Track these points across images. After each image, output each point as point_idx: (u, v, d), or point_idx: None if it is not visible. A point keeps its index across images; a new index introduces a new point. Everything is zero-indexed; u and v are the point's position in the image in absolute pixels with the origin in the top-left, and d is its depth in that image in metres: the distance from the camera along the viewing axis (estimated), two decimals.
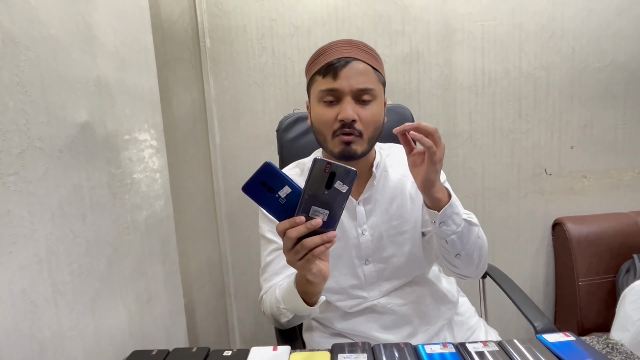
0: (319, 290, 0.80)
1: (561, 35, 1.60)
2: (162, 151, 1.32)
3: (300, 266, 0.68)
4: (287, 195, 0.64)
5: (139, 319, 1.08)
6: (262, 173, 0.62)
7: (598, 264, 1.55)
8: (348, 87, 0.85)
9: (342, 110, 0.85)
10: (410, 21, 1.57)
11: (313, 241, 0.64)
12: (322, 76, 0.87)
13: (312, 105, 0.92)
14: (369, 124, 0.88)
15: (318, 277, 0.71)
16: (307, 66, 0.95)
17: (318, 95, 0.88)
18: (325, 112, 0.87)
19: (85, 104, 0.89)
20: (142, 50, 1.20)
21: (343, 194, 0.63)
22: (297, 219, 0.63)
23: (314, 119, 0.91)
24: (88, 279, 0.87)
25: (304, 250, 0.64)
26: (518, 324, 1.74)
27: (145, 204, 1.15)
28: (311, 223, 0.63)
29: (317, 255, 0.65)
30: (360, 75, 0.86)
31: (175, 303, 1.34)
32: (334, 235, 0.65)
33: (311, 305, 0.82)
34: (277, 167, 0.63)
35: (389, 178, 0.99)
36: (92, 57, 0.92)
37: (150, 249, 1.18)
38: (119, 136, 1.03)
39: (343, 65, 0.85)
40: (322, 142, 0.91)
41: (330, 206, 0.64)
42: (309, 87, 0.94)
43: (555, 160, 1.67)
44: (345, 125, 0.85)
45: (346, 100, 0.86)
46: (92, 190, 0.90)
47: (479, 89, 1.62)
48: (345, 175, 0.63)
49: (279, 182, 0.63)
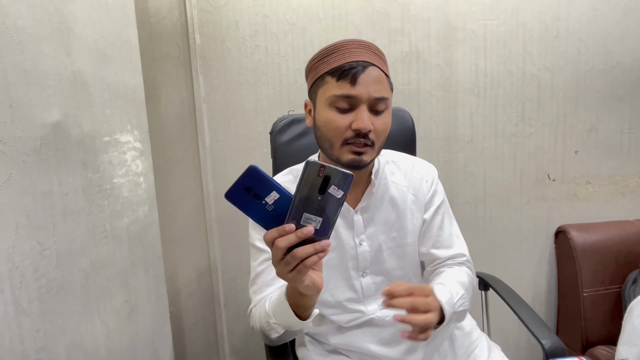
0: (313, 302, 0.73)
1: (566, 35, 1.54)
2: (147, 153, 1.24)
3: (291, 278, 0.61)
4: (275, 202, 0.57)
5: (118, 334, 1.00)
6: (246, 178, 0.56)
7: (603, 274, 1.50)
8: (366, 95, 0.79)
9: (359, 119, 0.79)
10: (410, 19, 1.50)
11: (305, 251, 0.58)
12: (337, 79, 0.80)
13: (319, 108, 0.85)
14: (381, 134, 0.83)
15: (311, 290, 0.65)
16: (314, 63, 0.87)
17: (330, 99, 0.81)
18: (336, 119, 0.81)
19: (58, 103, 0.81)
20: (126, 45, 1.12)
21: (338, 199, 0.57)
22: (287, 226, 0.57)
23: (322, 124, 0.83)
24: (59, 295, 0.79)
25: (295, 261, 0.58)
26: (519, 335, 1.68)
27: (126, 210, 1.08)
28: (302, 231, 0.56)
29: (310, 266, 0.59)
30: (377, 83, 0.81)
31: (160, 314, 1.27)
32: (328, 244, 0.59)
33: (304, 319, 0.75)
34: (262, 170, 0.56)
35: (389, 187, 0.93)
36: (67, 52, 0.85)
37: (132, 258, 1.10)
38: (97, 138, 0.95)
39: (362, 71, 0.79)
40: (327, 148, 0.84)
41: (324, 213, 0.57)
42: (314, 86, 0.86)
43: (558, 165, 1.61)
44: (359, 135, 0.80)
45: (362, 109, 0.80)
46: (65, 197, 0.82)
47: (480, 90, 1.56)
48: (341, 179, 0.56)
49: (265, 187, 0.56)
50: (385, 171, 0.95)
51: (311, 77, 0.87)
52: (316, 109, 0.86)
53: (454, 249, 0.95)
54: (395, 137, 1.11)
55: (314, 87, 0.86)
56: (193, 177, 1.54)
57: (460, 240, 0.97)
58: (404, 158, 0.99)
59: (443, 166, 1.56)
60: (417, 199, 0.94)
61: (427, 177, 0.96)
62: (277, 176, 0.98)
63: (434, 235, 0.94)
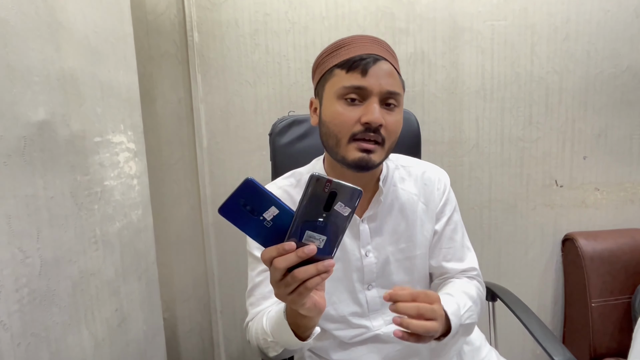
0: (314, 323, 0.68)
1: (576, 37, 1.49)
2: (142, 155, 1.19)
3: (291, 300, 0.56)
4: (274, 218, 0.52)
5: (108, 345, 0.95)
6: (242, 192, 0.51)
7: (612, 284, 1.45)
8: (377, 87, 0.74)
9: (369, 111, 0.74)
10: (415, 19, 1.46)
11: (306, 272, 0.53)
12: (347, 70, 0.76)
13: (325, 102, 0.79)
14: (392, 132, 0.78)
15: (313, 312, 0.60)
16: (323, 57, 0.82)
17: (339, 92, 0.76)
18: (345, 111, 0.75)
19: (44, 100, 0.76)
20: (120, 42, 1.08)
21: (345, 217, 0.52)
22: (287, 245, 0.52)
23: (329, 118, 0.78)
24: (42, 305, 0.75)
25: (296, 282, 0.53)
26: (524, 346, 1.63)
27: (118, 214, 1.03)
28: (303, 251, 0.51)
29: (311, 289, 0.54)
30: (389, 77, 0.76)
31: (153, 323, 1.22)
32: (332, 265, 0.53)
33: (304, 339, 0.70)
34: (260, 184, 0.51)
35: (398, 194, 0.88)
36: (56, 47, 0.80)
37: (124, 265, 1.05)
38: (88, 138, 0.90)
39: (373, 63, 0.75)
40: (332, 146, 0.79)
41: (329, 231, 0.52)
42: (322, 81, 0.81)
43: (566, 171, 1.57)
44: (369, 129, 0.75)
45: (373, 101, 0.75)
46: (51, 200, 0.77)
47: (487, 93, 1.51)
48: (348, 196, 0.51)
49: (263, 202, 0.51)
50: (395, 177, 0.89)
51: (319, 72, 0.83)
52: (322, 105, 0.81)
53: (465, 262, 0.90)
54: (400, 140, 1.05)
55: (321, 82, 0.81)
56: (190, 180, 1.49)
57: (471, 253, 0.92)
58: (414, 163, 0.94)
59: (448, 171, 1.47)
60: (428, 209, 0.89)
61: (439, 184, 0.91)
62: (278, 180, 0.92)
63: (445, 247, 0.89)
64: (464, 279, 0.88)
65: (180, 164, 1.48)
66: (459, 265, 0.89)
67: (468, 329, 0.81)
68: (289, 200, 0.86)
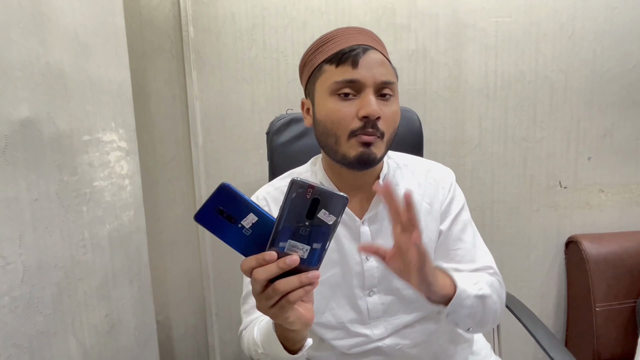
0: (302, 336, 0.64)
1: (582, 35, 1.45)
2: (134, 153, 1.15)
3: (273, 314, 0.52)
4: (253, 225, 0.48)
5: (97, 353, 0.91)
6: (217, 198, 0.46)
7: (617, 288, 1.41)
8: (371, 78, 0.71)
9: (366, 104, 0.70)
10: (417, 15, 1.42)
11: (288, 284, 0.48)
12: (336, 65, 0.72)
13: (319, 101, 0.76)
14: (390, 124, 0.74)
15: (297, 325, 0.55)
16: (309, 55, 0.78)
17: (331, 88, 0.72)
18: (341, 108, 0.72)
19: (28, 97, 0.72)
20: (111, 36, 1.03)
21: (329, 225, 0.48)
22: (267, 255, 0.47)
23: (324, 116, 0.74)
24: (26, 313, 0.70)
25: (277, 295, 0.49)
26: (526, 352, 1.60)
27: (109, 216, 0.99)
28: (285, 261, 0.47)
29: (294, 302, 0.50)
30: (381, 66, 0.72)
31: (145, 327, 1.18)
32: (317, 276, 0.49)
33: (294, 352, 0.65)
34: (236, 189, 0.47)
35: (401, 195, 0.83)
36: (41, 40, 0.76)
37: (114, 268, 1.01)
38: (76, 136, 0.86)
39: (363, 53, 0.71)
40: (331, 145, 0.75)
41: (313, 240, 0.48)
42: (311, 80, 0.77)
43: (571, 172, 1.53)
44: (367, 124, 0.71)
45: (368, 93, 0.71)
46: (35, 203, 0.73)
47: (490, 92, 1.47)
48: (332, 203, 0.47)
49: (240, 208, 0.47)
50: (396, 176, 0.85)
51: (306, 71, 0.79)
52: (315, 104, 0.77)
53: (477, 262, 0.83)
54: (401, 139, 1.01)
55: (310, 81, 0.78)
56: (184, 179, 1.45)
57: (485, 252, 0.85)
58: (416, 162, 0.89)
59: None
60: (432, 209, 0.84)
61: (443, 182, 0.86)
62: (275, 181, 0.88)
63: (453, 248, 0.83)
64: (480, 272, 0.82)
65: (175, 162, 1.44)
66: (471, 266, 0.82)
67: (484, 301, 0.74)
68: None
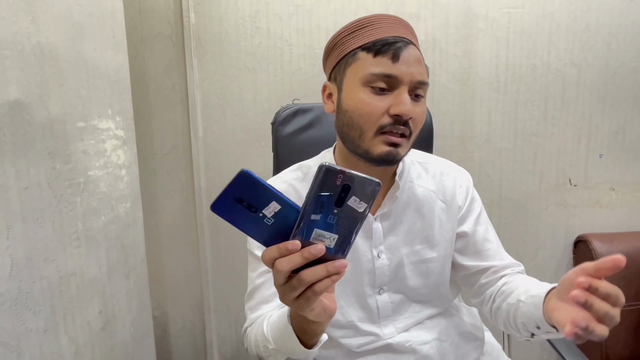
0: (322, 329, 0.60)
1: (596, 28, 1.41)
2: (131, 143, 1.10)
3: (298, 306, 0.48)
4: (275, 214, 0.44)
5: (90, 351, 0.87)
6: (237, 186, 0.42)
7: (627, 289, 1.37)
8: (409, 75, 0.68)
9: (400, 102, 0.67)
10: (427, 4, 1.37)
11: (315, 274, 0.44)
12: (374, 54, 0.68)
13: (347, 89, 0.71)
14: (418, 125, 0.72)
15: (322, 317, 0.51)
16: (340, 38, 0.73)
17: (365, 78, 0.68)
18: (372, 101, 0.68)
19: (17, 77, 0.67)
20: (108, 18, 0.98)
21: (360, 213, 0.44)
22: (290, 244, 0.43)
23: (352, 107, 0.70)
24: (12, 310, 0.66)
25: (302, 286, 0.45)
26: (531, 351, 1.56)
27: (104, 208, 0.94)
28: (310, 251, 0.43)
29: (320, 293, 0.46)
30: (419, 65, 0.69)
31: (142, 323, 1.14)
32: (344, 266, 0.45)
33: (310, 347, 0.62)
34: (257, 176, 0.43)
35: (415, 192, 0.80)
36: (31, 18, 0.71)
37: (110, 262, 0.97)
38: (70, 122, 0.81)
39: (404, 48, 0.68)
40: (354, 137, 0.71)
41: (341, 229, 0.44)
42: (341, 64, 0.73)
43: (581, 169, 1.49)
44: (399, 122, 0.68)
45: (403, 91, 0.68)
46: (25, 192, 0.68)
47: (501, 85, 1.43)
48: (364, 189, 0.43)
49: (262, 197, 0.43)
50: (411, 173, 0.81)
51: (336, 54, 0.74)
52: (342, 92, 0.72)
53: (505, 259, 0.83)
54: None
55: (339, 66, 0.73)
56: (183, 171, 1.40)
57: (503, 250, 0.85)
58: (432, 159, 0.86)
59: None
60: (448, 207, 0.81)
61: (461, 181, 0.84)
62: (283, 173, 0.83)
63: (483, 249, 0.82)
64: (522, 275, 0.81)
65: (174, 153, 1.39)
66: (501, 263, 0.82)
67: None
68: (294, 195, 0.78)
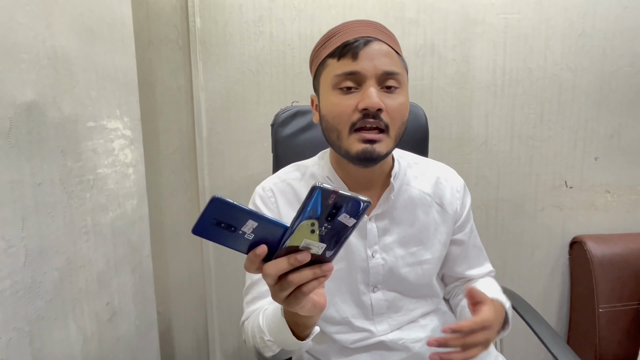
0: (314, 322, 0.63)
1: (592, 34, 1.44)
2: (138, 142, 1.15)
3: (288, 304, 0.52)
4: (254, 230, 0.46)
5: (97, 341, 0.91)
6: (212, 211, 0.45)
7: (622, 290, 1.40)
8: (372, 69, 0.70)
9: (365, 96, 0.69)
10: (425, 9, 1.40)
11: (302, 276, 0.48)
12: (337, 58, 0.71)
13: (322, 96, 0.75)
14: (396, 116, 0.72)
15: (313, 312, 0.55)
16: (315, 52, 0.78)
17: (332, 82, 0.72)
18: (341, 101, 0.71)
19: (33, 80, 0.71)
20: (117, 23, 1.03)
21: (349, 227, 0.47)
22: (258, 249, 0.47)
23: (326, 111, 0.74)
24: (27, 297, 0.70)
25: (291, 287, 0.49)
26: (527, 349, 1.59)
27: (112, 204, 0.98)
28: (296, 258, 0.46)
29: (308, 293, 0.49)
30: (384, 57, 0.71)
31: (146, 317, 1.18)
32: (330, 269, 0.49)
33: (303, 339, 0.65)
34: (229, 200, 0.45)
35: (411, 194, 0.83)
36: (47, 24, 0.75)
37: (116, 257, 1.01)
38: (80, 122, 0.85)
39: (364, 45, 0.70)
40: (334, 140, 0.74)
41: (329, 239, 0.47)
42: (318, 76, 0.77)
43: (577, 172, 1.52)
44: (368, 116, 0.70)
45: (369, 85, 0.70)
46: (38, 187, 0.72)
47: (498, 89, 1.46)
48: (354, 207, 0.45)
49: (238, 217, 0.46)
50: (408, 175, 0.84)
51: (314, 66, 0.79)
52: (320, 99, 0.77)
53: (485, 266, 0.92)
54: (406, 134, 1.00)
55: (316, 76, 0.78)
56: (188, 170, 1.44)
57: (484, 253, 0.93)
58: (427, 162, 0.90)
59: (454, 168, 1.44)
60: (443, 211, 0.84)
61: (457, 186, 0.88)
62: (281, 172, 0.87)
63: (472, 256, 0.90)
64: (487, 278, 0.89)
65: (178, 153, 1.43)
66: (481, 270, 0.90)
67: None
68: (291, 194, 0.82)
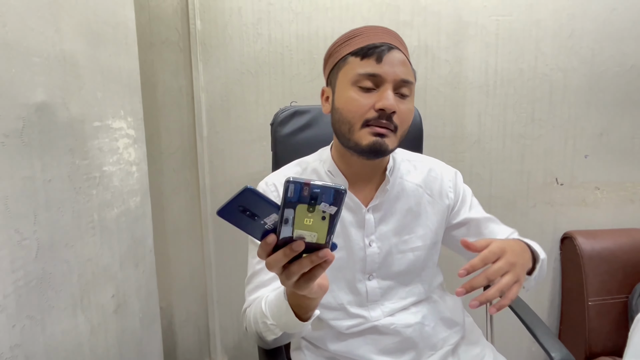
0: (316, 304, 0.68)
1: (581, 35, 1.48)
2: (141, 141, 1.19)
3: (298, 287, 0.56)
4: (274, 222, 0.50)
5: (103, 331, 0.95)
6: (241, 199, 0.48)
7: (610, 283, 1.45)
8: (392, 74, 0.76)
9: (384, 98, 0.76)
10: (419, 12, 1.45)
11: (301, 265, 0.52)
12: (361, 58, 0.77)
13: (339, 90, 0.81)
14: (405, 120, 0.80)
15: (318, 293, 0.60)
16: (335, 47, 0.84)
17: (353, 78, 0.78)
18: (359, 98, 0.77)
19: (44, 82, 0.75)
20: (121, 26, 1.07)
21: (332, 215, 0.49)
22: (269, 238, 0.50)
23: (343, 104, 0.79)
24: (38, 287, 0.74)
25: (295, 275, 0.53)
26: (520, 343, 1.63)
27: (116, 200, 1.02)
28: (290, 248, 0.50)
29: (315, 278, 0.54)
30: (402, 65, 0.78)
31: (149, 311, 1.21)
32: (326, 255, 0.52)
33: (304, 320, 0.70)
34: (260, 192, 0.48)
35: (405, 187, 0.89)
36: (55, 28, 0.79)
37: (121, 251, 1.05)
38: (87, 122, 0.89)
39: (387, 51, 0.77)
40: (344, 132, 0.80)
41: (318, 228, 0.50)
42: (335, 69, 0.82)
43: (567, 169, 1.56)
44: (382, 116, 0.76)
45: (387, 88, 0.76)
46: (48, 183, 0.76)
47: (490, 89, 1.50)
48: (331, 196, 0.48)
49: (264, 210, 0.49)
50: (402, 169, 0.90)
51: (331, 61, 0.84)
52: (336, 92, 0.82)
53: (502, 227, 0.97)
54: None
55: (334, 71, 0.83)
56: (189, 169, 1.48)
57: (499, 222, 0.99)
58: (421, 158, 0.96)
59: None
60: (433, 200, 0.90)
61: (448, 175, 0.94)
62: (284, 168, 0.92)
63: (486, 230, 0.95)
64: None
65: (180, 152, 1.47)
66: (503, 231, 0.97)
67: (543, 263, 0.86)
68: None
